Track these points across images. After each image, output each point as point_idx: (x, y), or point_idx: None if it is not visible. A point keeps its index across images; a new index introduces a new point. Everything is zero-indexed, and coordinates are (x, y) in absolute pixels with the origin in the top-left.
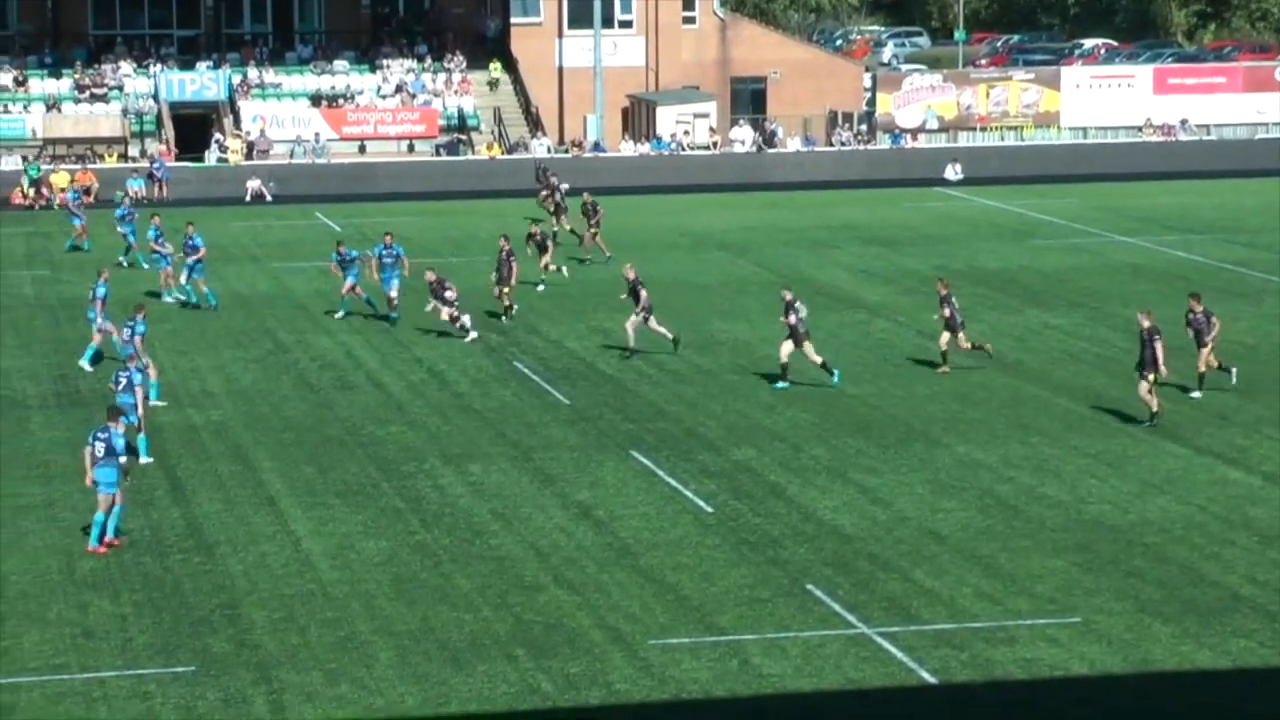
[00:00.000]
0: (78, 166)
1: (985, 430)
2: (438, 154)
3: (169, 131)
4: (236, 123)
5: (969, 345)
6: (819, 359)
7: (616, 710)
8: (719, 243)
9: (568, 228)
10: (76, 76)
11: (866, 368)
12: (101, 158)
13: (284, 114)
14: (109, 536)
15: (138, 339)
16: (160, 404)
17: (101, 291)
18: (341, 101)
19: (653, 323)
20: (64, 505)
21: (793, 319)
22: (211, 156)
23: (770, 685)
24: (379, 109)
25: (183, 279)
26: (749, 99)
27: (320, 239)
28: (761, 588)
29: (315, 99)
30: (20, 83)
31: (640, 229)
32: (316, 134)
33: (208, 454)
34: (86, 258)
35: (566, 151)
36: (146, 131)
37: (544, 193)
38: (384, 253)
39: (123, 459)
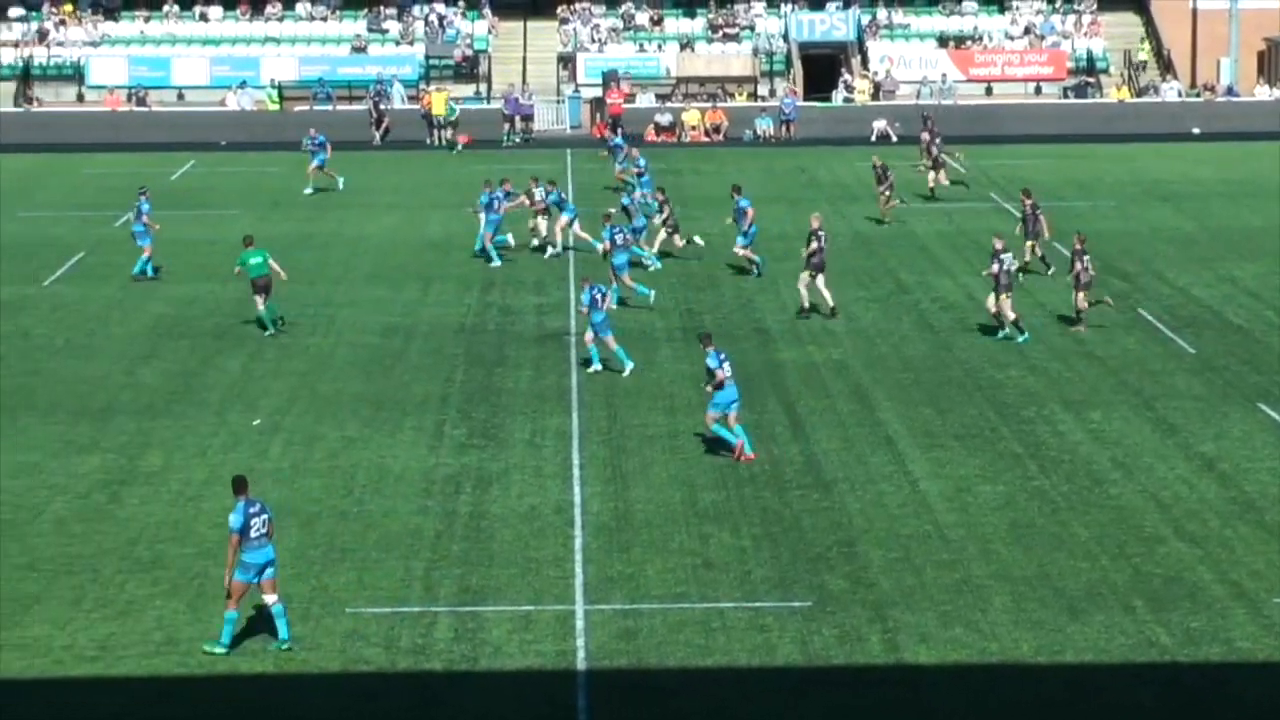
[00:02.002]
0: (708, 105)
1: None
2: (1065, 96)
3: (797, 71)
4: (864, 63)
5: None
6: (1013, 315)
7: (1238, 668)
8: None
9: (945, 182)
10: (710, 16)
11: None
12: (731, 96)
13: (911, 55)
14: (745, 450)
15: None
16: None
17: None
18: (969, 43)
19: (820, 281)
20: (687, 437)
21: (995, 268)
22: (838, 96)
23: None
24: (1007, 50)
25: (555, 230)
26: None
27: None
28: None
29: (943, 40)
30: (656, 22)
31: (1266, 176)
32: (943, 75)
33: (827, 392)
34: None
35: (1198, 95)
36: (776, 71)
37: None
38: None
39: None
